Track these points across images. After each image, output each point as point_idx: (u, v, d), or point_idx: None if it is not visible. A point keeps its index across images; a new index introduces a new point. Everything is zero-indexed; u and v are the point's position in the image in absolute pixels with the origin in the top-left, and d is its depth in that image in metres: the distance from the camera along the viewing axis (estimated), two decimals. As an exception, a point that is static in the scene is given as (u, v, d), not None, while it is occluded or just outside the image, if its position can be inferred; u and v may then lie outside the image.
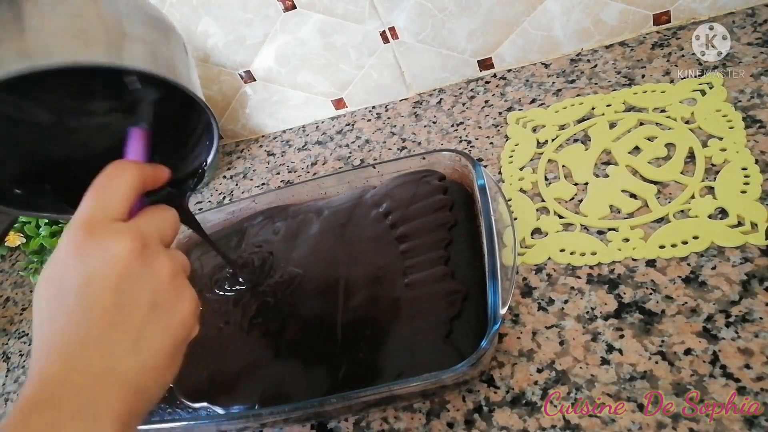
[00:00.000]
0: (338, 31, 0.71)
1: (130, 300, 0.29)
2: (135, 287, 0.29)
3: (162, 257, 0.31)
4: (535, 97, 0.68)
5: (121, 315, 0.29)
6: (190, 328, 0.32)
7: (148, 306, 0.29)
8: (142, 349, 0.29)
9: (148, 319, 0.29)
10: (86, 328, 0.28)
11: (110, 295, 0.28)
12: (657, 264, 0.47)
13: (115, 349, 0.28)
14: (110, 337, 0.28)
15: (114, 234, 0.29)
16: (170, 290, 0.31)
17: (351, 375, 0.45)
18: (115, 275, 0.28)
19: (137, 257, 0.29)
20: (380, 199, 0.57)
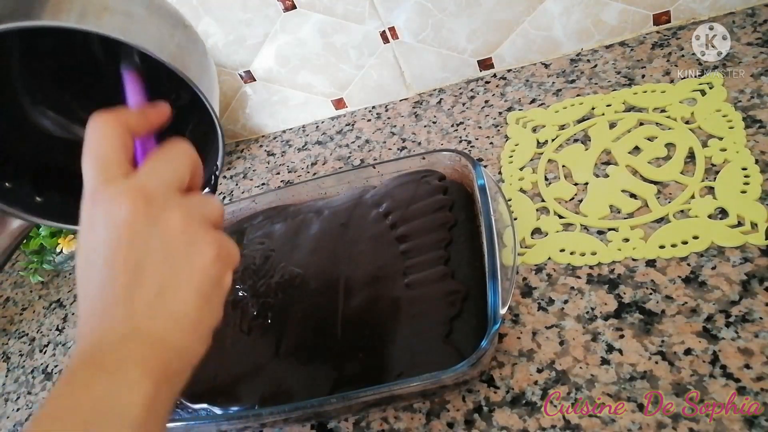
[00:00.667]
0: (338, 31, 0.71)
1: (143, 257, 0.29)
2: (145, 244, 0.29)
3: (170, 209, 0.30)
4: (535, 97, 0.68)
5: (137, 273, 0.29)
6: (215, 276, 0.31)
7: (163, 260, 0.29)
8: (165, 304, 0.29)
9: (166, 273, 0.29)
10: (109, 291, 0.28)
11: (123, 257, 0.29)
12: (657, 264, 0.47)
13: (137, 308, 0.28)
14: (130, 297, 0.28)
15: (113, 198, 0.29)
16: (184, 239, 0.30)
17: (351, 375, 0.45)
18: (122, 237, 0.29)
19: (141, 215, 0.29)
20: (380, 199, 0.57)
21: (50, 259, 0.74)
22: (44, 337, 0.71)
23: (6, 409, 0.64)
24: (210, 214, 0.32)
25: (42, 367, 0.67)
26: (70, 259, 0.76)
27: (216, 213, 0.32)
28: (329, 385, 0.45)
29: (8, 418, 0.63)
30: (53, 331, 0.71)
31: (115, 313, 0.28)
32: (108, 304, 0.28)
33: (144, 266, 0.29)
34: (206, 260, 0.30)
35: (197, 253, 0.30)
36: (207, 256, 0.30)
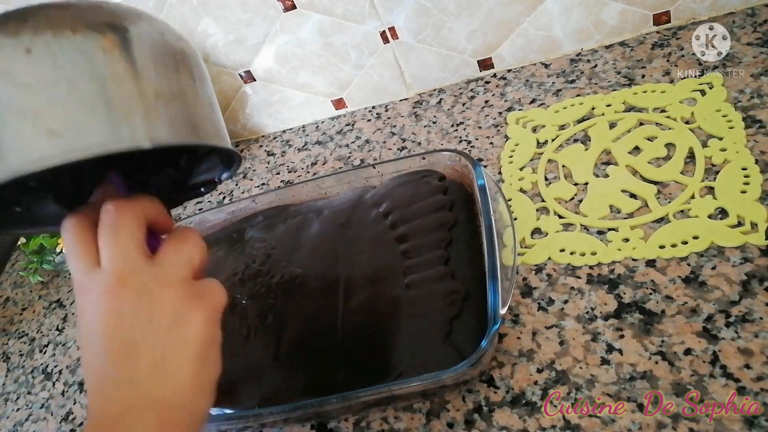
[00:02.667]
0: (338, 31, 0.71)
1: (133, 338, 0.30)
2: (132, 326, 0.30)
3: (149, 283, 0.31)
4: (535, 97, 0.68)
5: (131, 350, 0.30)
6: (208, 335, 0.32)
7: (153, 334, 0.31)
8: (163, 371, 0.30)
9: (159, 346, 0.31)
10: (109, 369, 0.30)
11: (113, 341, 0.30)
12: (657, 264, 0.47)
13: (138, 378, 0.30)
14: (128, 371, 0.30)
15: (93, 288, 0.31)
16: (172, 310, 0.31)
17: (351, 375, 0.45)
18: (108, 323, 0.30)
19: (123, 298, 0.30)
20: (380, 199, 0.57)
21: (50, 259, 0.74)
22: (44, 337, 0.71)
23: (6, 409, 0.64)
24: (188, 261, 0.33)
25: (42, 367, 0.67)
26: (70, 259, 0.76)
27: (194, 253, 0.33)
28: (329, 386, 0.45)
29: (8, 418, 0.63)
30: (53, 331, 0.71)
31: (119, 387, 0.30)
32: (110, 380, 0.30)
33: (136, 343, 0.30)
34: (198, 323, 0.32)
35: (187, 320, 0.31)
36: (198, 319, 0.32)
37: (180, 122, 0.30)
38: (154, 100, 0.29)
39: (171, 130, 0.29)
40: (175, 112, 0.30)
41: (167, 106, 0.30)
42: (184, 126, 0.30)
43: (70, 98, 0.27)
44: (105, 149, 0.27)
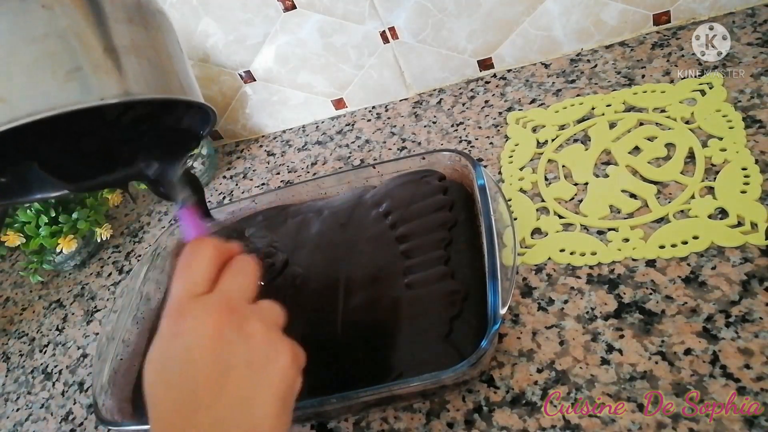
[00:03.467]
0: (338, 31, 0.71)
1: (229, 365, 0.30)
2: (231, 352, 0.31)
3: (251, 318, 0.32)
4: (535, 97, 0.68)
5: (223, 380, 0.30)
6: (291, 379, 0.33)
7: (246, 367, 0.31)
8: (248, 410, 0.30)
9: (249, 380, 0.31)
10: (194, 398, 0.30)
11: (210, 365, 0.30)
12: (657, 264, 0.47)
13: (223, 413, 0.30)
14: (217, 403, 0.30)
15: (202, 309, 0.31)
16: (265, 347, 0.32)
17: (351, 375, 0.45)
18: (210, 346, 0.30)
19: (226, 325, 0.31)
20: (380, 199, 0.57)
21: (50, 259, 0.74)
22: (44, 337, 0.71)
23: (6, 409, 0.64)
24: (278, 318, 0.34)
25: (42, 367, 0.67)
26: (70, 259, 0.76)
27: (282, 316, 0.35)
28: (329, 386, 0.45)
29: (8, 418, 0.63)
30: (53, 331, 0.71)
31: (202, 421, 0.29)
32: (190, 411, 0.29)
33: (229, 373, 0.30)
34: (285, 365, 0.32)
35: (276, 360, 0.32)
36: (285, 361, 0.32)
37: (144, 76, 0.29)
38: (106, 54, 0.28)
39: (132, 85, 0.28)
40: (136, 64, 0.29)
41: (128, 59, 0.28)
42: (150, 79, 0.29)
43: (11, 62, 0.26)
44: (53, 111, 0.26)
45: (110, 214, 0.84)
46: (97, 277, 0.75)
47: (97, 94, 0.27)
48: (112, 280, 0.74)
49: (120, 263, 0.76)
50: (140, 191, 0.85)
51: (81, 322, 0.70)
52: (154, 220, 0.80)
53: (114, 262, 0.76)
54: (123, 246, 0.78)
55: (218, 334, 0.31)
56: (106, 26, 0.28)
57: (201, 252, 0.34)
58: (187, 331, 0.31)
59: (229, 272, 0.34)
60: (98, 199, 0.76)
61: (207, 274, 0.33)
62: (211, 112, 0.35)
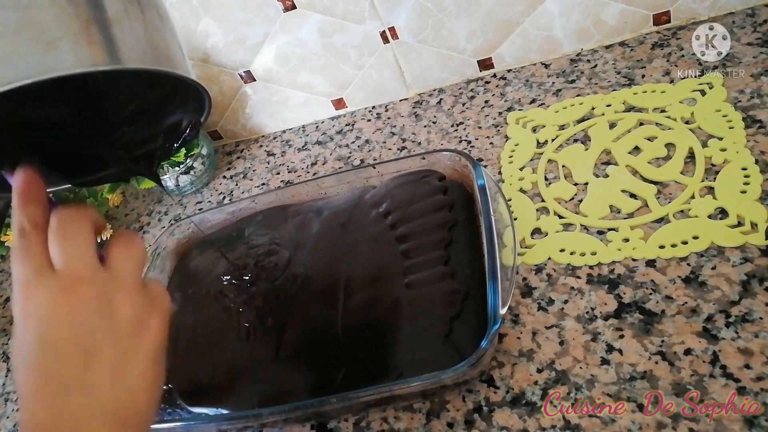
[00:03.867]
0: (338, 31, 0.71)
1: (92, 342, 0.29)
2: (92, 329, 0.29)
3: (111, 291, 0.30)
4: (535, 97, 0.68)
5: (88, 358, 0.29)
6: (162, 337, 0.32)
7: (112, 340, 0.30)
8: (120, 381, 0.30)
9: (117, 352, 0.30)
10: (60, 382, 0.28)
11: (70, 345, 0.29)
12: (657, 264, 0.47)
13: (94, 391, 0.29)
14: (85, 382, 0.29)
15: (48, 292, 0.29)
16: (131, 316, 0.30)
17: (351, 375, 0.45)
18: (67, 326, 0.29)
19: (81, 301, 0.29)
20: (380, 200, 0.57)
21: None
22: (44, 337, 0.71)
23: (6, 409, 0.64)
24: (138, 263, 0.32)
25: (42, 367, 0.67)
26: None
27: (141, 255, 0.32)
28: (329, 386, 0.45)
29: (8, 418, 0.63)
30: (53, 331, 0.71)
31: (70, 394, 0.28)
32: (61, 387, 0.28)
33: (95, 348, 0.29)
34: (154, 332, 0.31)
35: (144, 329, 0.31)
36: (154, 327, 0.31)
37: (133, 47, 0.29)
38: (91, 24, 0.27)
39: (121, 54, 0.28)
40: (125, 35, 0.29)
41: (117, 29, 0.28)
42: (138, 51, 0.29)
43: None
44: (35, 77, 0.26)
45: (110, 214, 0.84)
46: (97, 277, 0.75)
47: (76, 62, 0.27)
48: (112, 280, 0.73)
49: (120, 263, 0.76)
50: (140, 191, 0.85)
51: (81, 322, 0.70)
52: (154, 220, 0.80)
53: (114, 262, 0.76)
54: (123, 246, 0.78)
55: (73, 312, 0.29)
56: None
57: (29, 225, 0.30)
58: (35, 314, 0.29)
59: (60, 236, 0.30)
60: (98, 199, 0.76)
61: (40, 248, 0.30)
62: (204, 93, 0.34)
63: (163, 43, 0.31)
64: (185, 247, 0.64)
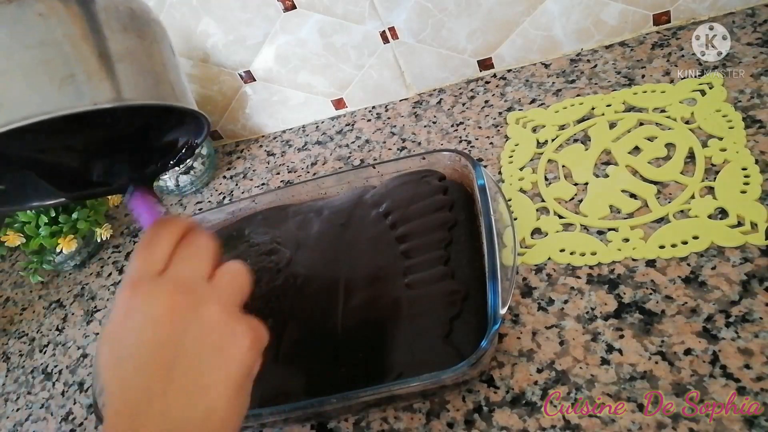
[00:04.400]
0: (338, 31, 0.71)
1: (181, 349, 0.29)
2: (183, 336, 0.29)
3: (207, 299, 0.31)
4: (535, 97, 0.68)
5: (175, 364, 0.29)
6: (250, 363, 0.31)
7: (200, 351, 0.30)
8: (201, 395, 0.29)
9: (202, 364, 0.29)
10: (146, 384, 0.29)
11: (162, 348, 0.29)
12: (657, 264, 0.47)
13: (176, 401, 0.29)
14: (169, 390, 0.29)
15: (155, 289, 0.30)
16: (221, 330, 0.30)
17: (351, 375, 0.45)
18: (162, 328, 0.29)
19: (180, 306, 0.30)
20: (380, 199, 0.57)
21: (50, 259, 0.74)
22: (44, 337, 0.71)
23: (6, 409, 0.64)
24: (240, 292, 0.33)
25: (42, 367, 0.67)
26: (70, 259, 0.76)
27: (245, 286, 0.33)
28: (329, 386, 0.45)
29: (8, 418, 0.63)
30: (53, 331, 0.71)
31: (153, 409, 0.28)
32: (142, 399, 0.28)
33: (181, 358, 0.29)
34: (242, 350, 0.31)
35: (233, 345, 0.30)
36: (243, 346, 0.31)
37: (137, 82, 0.30)
38: (100, 62, 0.28)
39: (124, 91, 0.29)
40: (129, 71, 0.29)
41: (122, 66, 0.29)
42: (142, 86, 0.30)
43: (8, 68, 0.27)
44: (48, 114, 0.26)
45: (110, 214, 0.84)
46: (97, 277, 0.75)
47: (90, 99, 0.27)
48: (112, 280, 0.74)
49: (120, 263, 0.76)
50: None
51: (81, 322, 0.70)
52: (154, 220, 0.80)
53: (114, 262, 0.76)
54: (123, 246, 0.78)
55: (171, 319, 0.29)
56: (100, 35, 0.29)
57: (163, 231, 0.32)
58: (139, 311, 0.30)
59: (184, 249, 0.32)
60: (98, 199, 0.76)
61: (166, 253, 0.32)
62: (204, 120, 0.35)
63: (166, 76, 0.32)
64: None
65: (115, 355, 0.30)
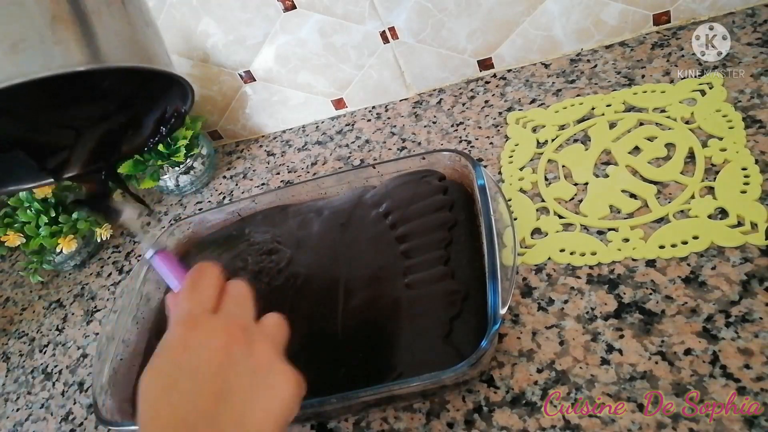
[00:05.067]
0: (338, 31, 0.71)
1: (233, 383, 0.31)
2: (236, 371, 0.31)
3: (259, 339, 0.33)
4: (535, 97, 0.68)
5: (225, 397, 0.30)
6: (291, 409, 0.32)
7: (249, 388, 0.31)
8: (248, 423, 0.30)
9: (250, 401, 0.31)
10: (198, 408, 0.30)
11: (215, 380, 0.31)
12: (657, 264, 0.47)
13: (224, 427, 0.30)
14: (219, 416, 0.30)
15: (214, 324, 0.33)
16: (269, 371, 0.32)
17: (351, 375, 0.45)
18: (218, 361, 0.31)
19: (236, 342, 0.32)
20: (380, 200, 0.57)
21: (50, 259, 0.74)
22: (44, 337, 0.71)
23: (6, 409, 0.64)
24: (283, 335, 0.35)
25: (42, 367, 0.67)
26: (70, 259, 0.76)
27: (285, 331, 0.35)
28: (329, 386, 0.45)
29: (8, 418, 0.63)
30: (53, 331, 0.71)
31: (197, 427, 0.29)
32: (190, 424, 0.29)
33: (231, 392, 0.31)
34: (289, 391, 0.32)
35: (280, 385, 0.32)
36: (290, 387, 0.32)
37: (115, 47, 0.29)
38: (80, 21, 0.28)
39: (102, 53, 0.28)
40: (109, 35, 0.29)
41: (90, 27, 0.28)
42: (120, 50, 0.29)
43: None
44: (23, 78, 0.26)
45: (110, 214, 0.84)
46: (97, 277, 0.75)
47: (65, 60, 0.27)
48: (112, 280, 0.74)
49: (120, 263, 0.76)
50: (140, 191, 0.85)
51: (81, 322, 0.70)
52: (154, 220, 0.80)
53: (114, 262, 0.76)
54: (123, 246, 0.78)
55: (227, 351, 0.31)
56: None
57: (207, 273, 0.35)
58: (199, 344, 0.32)
59: (230, 295, 0.35)
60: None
61: (214, 294, 0.34)
62: (187, 85, 0.35)
63: (143, 38, 0.31)
64: (185, 248, 0.64)
65: (166, 382, 0.31)
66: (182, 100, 0.38)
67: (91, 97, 0.37)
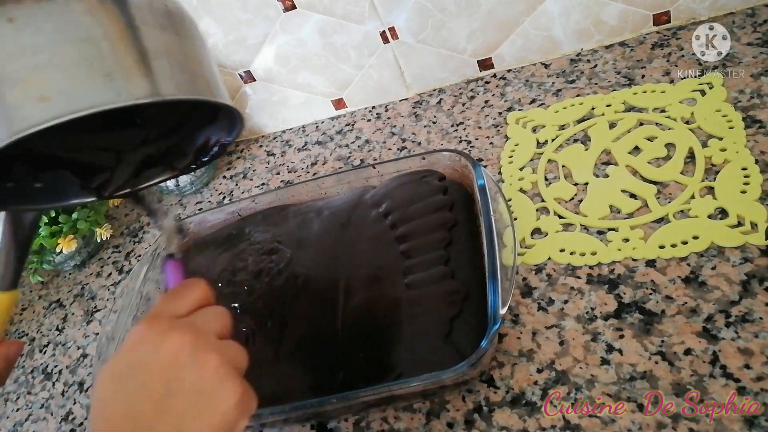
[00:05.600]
0: (338, 31, 0.71)
1: (176, 387, 0.31)
2: (181, 376, 0.31)
3: (211, 349, 0.32)
4: (535, 97, 0.68)
5: (166, 401, 0.30)
6: (232, 421, 0.32)
7: (191, 394, 0.31)
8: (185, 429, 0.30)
9: (191, 408, 0.31)
10: (137, 412, 0.30)
11: (159, 381, 0.30)
12: (657, 264, 0.47)
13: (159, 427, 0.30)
14: (156, 423, 0.30)
15: (171, 327, 0.32)
16: (214, 380, 0.32)
17: (351, 375, 0.45)
18: (165, 362, 0.31)
19: (186, 346, 0.31)
20: (380, 200, 0.57)
21: (50, 259, 0.74)
22: (44, 337, 0.71)
23: (6, 409, 0.64)
24: (240, 362, 0.35)
25: (42, 367, 0.67)
26: (70, 259, 0.76)
27: (244, 361, 0.35)
28: (329, 386, 0.45)
29: (8, 418, 0.63)
30: (53, 331, 0.71)
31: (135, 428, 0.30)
32: (132, 427, 0.30)
33: (174, 396, 0.30)
34: (229, 404, 0.32)
35: (222, 396, 0.32)
36: (231, 400, 0.32)
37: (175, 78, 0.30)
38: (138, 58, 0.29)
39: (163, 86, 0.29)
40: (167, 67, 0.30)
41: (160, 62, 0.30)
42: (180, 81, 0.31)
43: (55, 63, 0.27)
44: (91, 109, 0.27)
45: (110, 214, 0.84)
46: (97, 277, 0.75)
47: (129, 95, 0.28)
48: (112, 280, 0.74)
49: (120, 263, 0.76)
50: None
51: (81, 322, 0.70)
52: (154, 220, 0.80)
53: (114, 262, 0.76)
54: (123, 246, 0.78)
55: (175, 355, 0.31)
56: (138, 32, 0.30)
57: (194, 287, 0.35)
58: (152, 343, 0.31)
59: (205, 310, 0.35)
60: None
61: (190, 305, 0.34)
62: (237, 115, 0.36)
63: (201, 71, 0.33)
64: (185, 247, 0.64)
65: (116, 379, 0.31)
66: (228, 131, 0.38)
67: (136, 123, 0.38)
